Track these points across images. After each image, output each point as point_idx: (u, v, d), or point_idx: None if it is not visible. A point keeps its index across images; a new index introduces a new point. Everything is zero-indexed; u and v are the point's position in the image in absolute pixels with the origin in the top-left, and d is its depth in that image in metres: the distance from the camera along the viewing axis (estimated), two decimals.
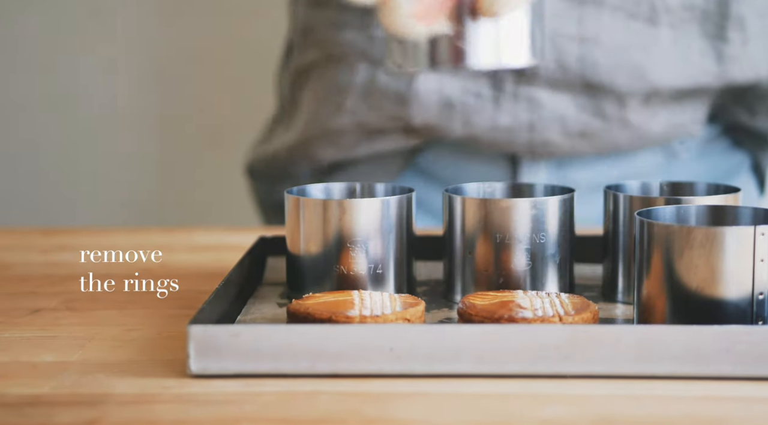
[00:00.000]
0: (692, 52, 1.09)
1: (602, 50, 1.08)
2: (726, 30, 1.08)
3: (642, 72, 1.08)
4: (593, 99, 1.10)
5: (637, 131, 1.11)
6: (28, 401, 0.64)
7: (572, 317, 0.70)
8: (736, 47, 1.09)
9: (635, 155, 1.15)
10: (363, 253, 0.80)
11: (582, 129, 1.10)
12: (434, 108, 1.10)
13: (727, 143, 1.21)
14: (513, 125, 1.10)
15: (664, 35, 1.08)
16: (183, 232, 1.13)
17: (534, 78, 1.09)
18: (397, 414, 0.62)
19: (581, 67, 1.08)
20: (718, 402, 0.63)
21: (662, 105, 1.11)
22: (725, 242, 0.69)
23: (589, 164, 1.15)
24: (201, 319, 0.68)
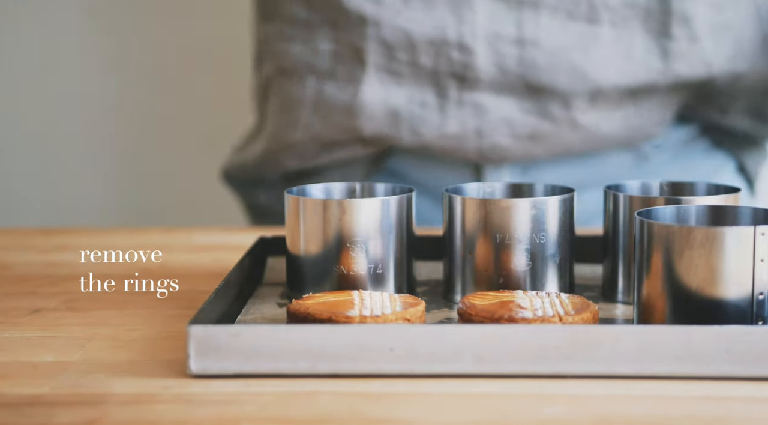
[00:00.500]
0: (635, 50, 1.08)
1: (541, 52, 1.07)
2: (670, 26, 1.08)
3: (583, 72, 1.08)
4: (538, 101, 1.09)
5: (588, 132, 1.10)
6: (28, 401, 0.64)
7: (572, 317, 0.70)
8: (682, 44, 1.08)
9: (603, 158, 1.15)
10: (363, 253, 0.80)
11: (531, 132, 1.10)
12: (382, 119, 1.10)
13: (706, 145, 1.20)
14: (460, 132, 1.10)
15: (605, 34, 1.08)
16: (183, 232, 1.13)
17: (477, 83, 1.08)
18: (397, 414, 0.62)
19: (522, 69, 1.08)
20: (718, 402, 0.63)
21: (614, 106, 1.10)
22: (725, 242, 0.69)
23: (554, 167, 1.14)
24: (201, 319, 0.68)
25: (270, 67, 1.16)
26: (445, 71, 1.08)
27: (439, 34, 1.07)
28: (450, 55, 1.07)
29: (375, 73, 1.09)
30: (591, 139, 1.11)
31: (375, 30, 1.08)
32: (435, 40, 1.07)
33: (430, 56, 1.08)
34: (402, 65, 1.08)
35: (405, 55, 1.08)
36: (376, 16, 1.07)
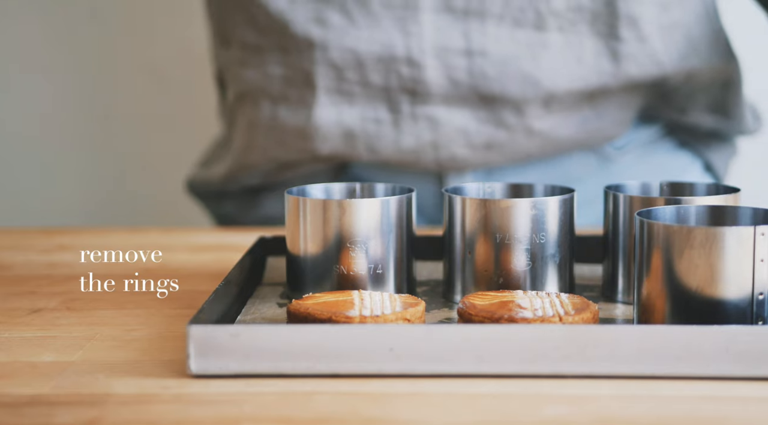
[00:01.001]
0: (585, 53, 1.08)
1: (490, 61, 1.07)
2: (617, 28, 1.08)
3: (534, 79, 1.08)
4: (492, 111, 1.09)
5: (545, 138, 1.10)
6: (28, 401, 0.64)
7: (572, 317, 0.70)
8: (631, 45, 1.08)
9: (565, 160, 1.15)
10: (363, 253, 0.80)
11: (486, 141, 1.10)
12: (337, 139, 1.10)
13: (671, 145, 1.20)
14: (417, 146, 1.10)
15: (553, 39, 1.08)
16: (183, 232, 1.13)
17: (429, 97, 1.08)
18: (397, 414, 0.62)
19: (472, 80, 1.07)
20: (718, 402, 0.63)
21: (570, 110, 1.10)
22: (725, 242, 0.69)
23: (518, 170, 1.14)
24: (201, 319, 0.68)
25: (231, 91, 1.17)
26: (396, 87, 1.08)
27: (387, 50, 1.07)
28: (399, 71, 1.07)
29: (326, 95, 1.09)
30: (548, 144, 1.11)
31: (322, 53, 1.08)
32: (383, 57, 1.07)
33: (380, 73, 1.08)
34: (352, 85, 1.08)
35: (354, 75, 1.08)
36: (323, 39, 1.07)
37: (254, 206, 1.20)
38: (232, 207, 1.22)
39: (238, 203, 1.21)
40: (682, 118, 1.17)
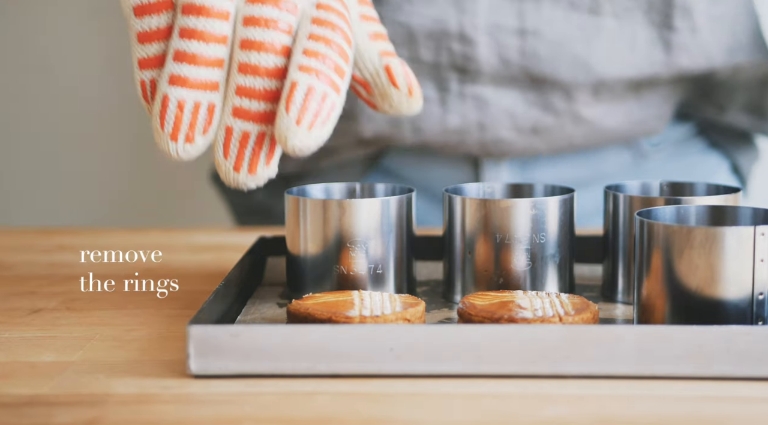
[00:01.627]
0: (638, 41, 1.08)
1: (543, 42, 1.07)
2: (672, 18, 1.07)
3: (586, 63, 1.07)
4: (540, 93, 1.09)
5: (591, 126, 1.10)
6: (28, 401, 0.64)
7: (572, 317, 0.70)
8: (684, 35, 1.08)
9: (601, 155, 1.15)
10: (363, 253, 0.80)
11: (533, 125, 1.09)
12: (382, 119, 1.10)
13: (703, 145, 1.20)
14: (462, 126, 1.09)
15: (607, 25, 1.07)
16: (183, 232, 1.13)
17: (478, 75, 1.08)
18: (397, 414, 0.62)
19: (523, 60, 1.07)
20: (718, 402, 0.63)
21: (617, 99, 1.10)
22: (725, 242, 0.69)
23: (552, 164, 1.14)
24: (201, 319, 0.68)
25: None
26: (446, 64, 1.08)
27: (440, 26, 1.07)
28: (451, 47, 1.07)
29: None
30: (593, 133, 1.10)
31: None
32: (435, 33, 1.07)
33: (431, 50, 1.07)
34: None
35: (405, 51, 1.08)
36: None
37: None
38: (264, 195, 1.21)
39: (270, 191, 1.20)
40: (718, 116, 1.17)
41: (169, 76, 0.70)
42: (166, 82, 0.70)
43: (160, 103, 0.70)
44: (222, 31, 0.70)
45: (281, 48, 0.70)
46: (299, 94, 0.68)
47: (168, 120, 0.69)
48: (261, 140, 0.70)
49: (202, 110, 0.70)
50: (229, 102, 0.70)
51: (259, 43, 0.69)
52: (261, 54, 0.69)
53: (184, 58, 0.69)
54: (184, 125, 0.69)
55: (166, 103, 0.69)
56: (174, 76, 0.69)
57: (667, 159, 1.17)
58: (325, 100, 0.69)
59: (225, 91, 0.71)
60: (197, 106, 0.70)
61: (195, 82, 0.70)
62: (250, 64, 0.69)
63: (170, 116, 0.69)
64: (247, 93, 0.69)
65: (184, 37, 0.69)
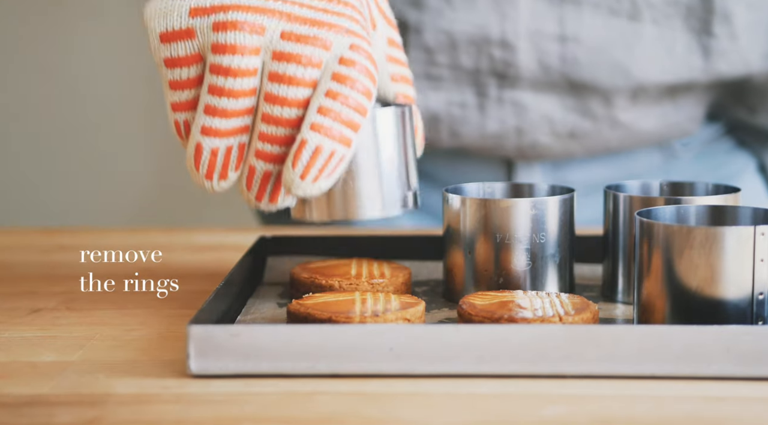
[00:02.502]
0: (677, 47, 1.08)
1: (583, 48, 1.07)
2: (711, 24, 1.08)
3: (625, 69, 1.08)
4: (579, 99, 1.09)
5: (627, 130, 1.10)
6: (28, 401, 0.64)
7: (572, 317, 0.70)
8: (722, 42, 1.08)
9: (632, 156, 1.15)
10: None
11: (571, 130, 1.10)
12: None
13: (730, 144, 1.20)
14: (500, 131, 1.10)
15: (647, 31, 1.08)
16: (183, 232, 1.13)
17: (517, 81, 1.08)
18: (397, 414, 0.62)
19: (563, 66, 1.08)
20: (718, 402, 0.63)
21: (653, 103, 1.10)
22: (725, 242, 0.69)
23: (585, 165, 1.14)
24: (201, 319, 0.68)
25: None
26: (486, 70, 1.08)
27: (481, 32, 1.07)
28: (491, 54, 1.07)
29: (414, 81, 1.09)
30: (629, 136, 1.11)
31: (416, 37, 1.08)
32: (476, 39, 1.07)
33: (471, 56, 1.08)
34: (442, 68, 1.09)
35: (445, 58, 1.08)
36: (417, 22, 1.07)
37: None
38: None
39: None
40: (749, 118, 1.17)
41: (201, 127, 0.73)
42: (199, 132, 0.73)
43: (194, 149, 0.73)
44: (249, 86, 0.73)
45: (303, 101, 0.73)
46: (306, 153, 0.71)
47: (202, 164, 0.73)
48: (281, 177, 0.74)
49: (234, 151, 0.73)
50: (252, 144, 0.73)
51: (282, 98, 0.72)
52: (284, 108, 0.72)
53: (214, 112, 0.72)
54: (218, 167, 0.73)
55: (200, 150, 0.73)
56: (205, 127, 0.73)
57: (695, 159, 1.17)
58: (332, 157, 0.72)
59: (250, 132, 0.74)
60: (229, 149, 0.73)
61: (225, 132, 0.73)
62: (272, 115, 0.72)
63: (204, 161, 0.73)
64: (268, 139, 0.72)
65: (214, 94, 0.72)
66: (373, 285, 0.80)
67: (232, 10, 0.73)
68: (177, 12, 0.74)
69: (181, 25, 0.74)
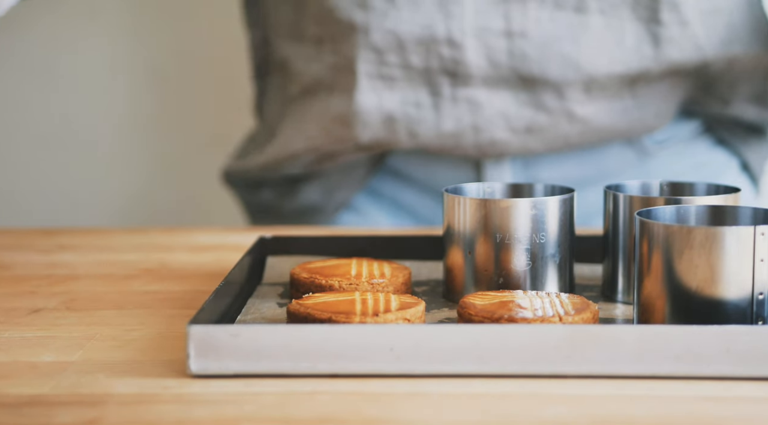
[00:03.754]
0: (626, 36, 1.08)
1: (531, 43, 1.08)
2: (659, 12, 1.08)
3: (574, 61, 1.08)
4: (532, 93, 1.09)
5: (586, 124, 1.10)
6: (28, 401, 0.64)
7: (572, 317, 0.70)
8: (672, 29, 1.08)
9: (601, 152, 1.15)
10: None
11: (527, 124, 1.10)
12: (377, 125, 1.11)
13: (710, 142, 1.20)
14: (457, 129, 1.10)
15: (594, 22, 1.08)
16: (183, 232, 1.13)
17: (469, 78, 1.09)
18: (397, 414, 0.62)
19: (512, 61, 1.08)
20: (718, 402, 0.63)
21: (612, 96, 1.10)
22: (725, 242, 0.69)
23: (555, 162, 1.14)
24: (201, 319, 0.68)
25: (294, 84, 1.17)
26: (437, 69, 1.08)
27: (428, 32, 1.08)
28: (440, 52, 1.08)
29: (367, 80, 1.09)
30: (589, 131, 1.11)
31: (364, 37, 1.08)
32: (424, 39, 1.08)
33: (420, 55, 1.08)
34: (393, 68, 1.09)
35: (395, 58, 1.08)
36: (365, 23, 1.08)
37: (293, 195, 1.21)
38: (271, 195, 1.22)
39: (277, 192, 1.21)
40: (724, 110, 1.17)
41: None
42: None
43: None
44: None
45: None
46: None
47: None
48: None
49: None
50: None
51: None
52: None
53: None
54: None
55: None
56: None
57: (673, 157, 1.17)
58: None
59: None
60: None
61: None
62: None
63: None
64: None
65: None
66: (373, 285, 0.80)
67: None
68: None
69: None
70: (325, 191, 1.19)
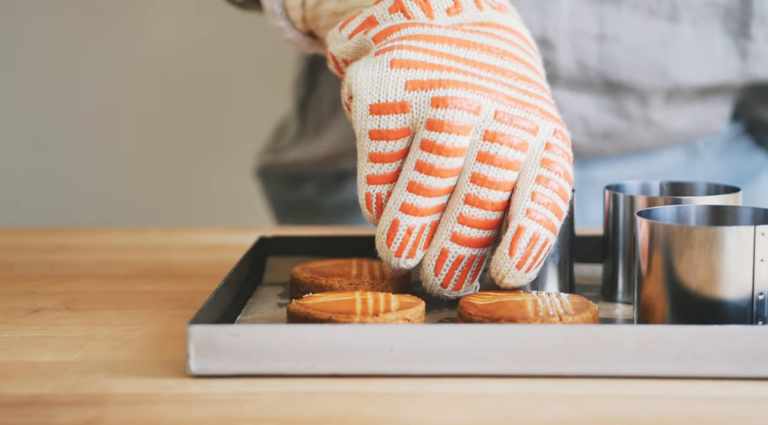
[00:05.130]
0: (714, 49, 1.08)
1: (622, 48, 1.07)
2: (749, 27, 1.08)
3: (663, 69, 1.08)
4: (615, 99, 1.09)
5: (660, 129, 1.10)
6: (28, 401, 0.64)
7: (572, 317, 0.70)
8: (760, 44, 1.08)
9: (658, 154, 1.15)
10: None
11: (605, 130, 1.10)
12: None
13: (748, 143, 1.20)
14: None
15: (685, 32, 1.08)
16: (183, 232, 1.13)
17: (555, 80, 1.08)
18: (397, 414, 0.62)
19: (601, 65, 1.07)
20: (718, 402, 0.63)
21: (686, 102, 1.10)
22: (725, 242, 0.69)
23: (611, 163, 1.14)
24: (201, 319, 0.68)
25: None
26: None
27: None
28: None
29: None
30: (662, 135, 1.11)
31: None
32: None
33: None
34: None
35: None
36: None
37: (337, 190, 1.20)
38: (313, 191, 1.21)
39: (320, 187, 1.21)
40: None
41: (401, 204, 0.72)
42: (398, 208, 0.72)
43: (389, 225, 0.73)
44: (457, 165, 0.72)
45: (510, 184, 0.72)
46: (524, 240, 0.71)
47: (395, 242, 0.73)
48: (471, 261, 0.74)
49: (426, 230, 0.73)
50: (448, 227, 0.73)
51: (490, 180, 0.72)
52: (491, 191, 0.72)
53: (419, 190, 0.72)
54: (409, 245, 0.73)
55: (395, 226, 0.72)
56: (406, 205, 0.72)
57: (715, 157, 1.17)
58: (545, 246, 0.72)
59: (444, 213, 0.73)
60: (423, 227, 0.73)
61: (425, 211, 0.72)
62: (478, 197, 0.72)
63: (398, 238, 0.73)
64: (468, 222, 0.72)
65: (422, 171, 0.72)
66: (373, 285, 0.80)
67: (451, 86, 0.71)
68: (393, 84, 0.72)
69: (396, 97, 0.71)
70: None
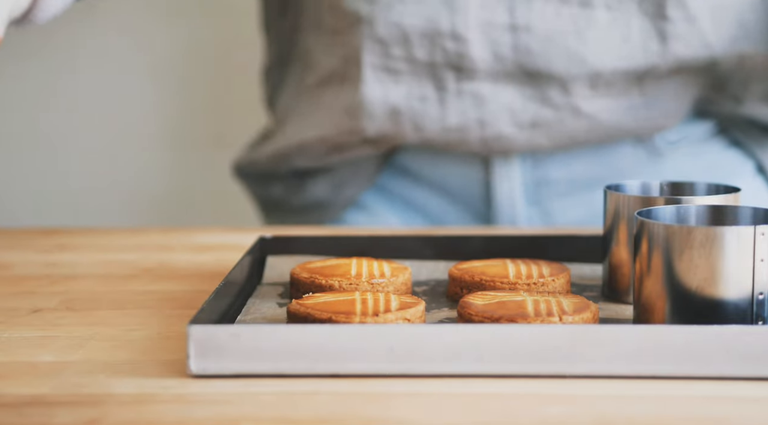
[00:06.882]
0: (632, 32, 1.08)
1: (535, 37, 1.07)
2: (665, 8, 1.08)
3: (580, 56, 1.08)
4: (537, 88, 1.09)
5: (592, 121, 1.10)
6: (28, 401, 0.64)
7: (572, 317, 0.70)
8: (678, 25, 1.08)
9: (612, 151, 1.15)
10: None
11: (532, 119, 1.10)
12: (383, 118, 1.11)
13: (724, 144, 1.20)
14: (462, 124, 1.10)
15: (600, 17, 1.08)
16: (183, 232, 1.13)
17: (474, 72, 1.08)
18: (397, 414, 0.62)
19: (516, 56, 1.08)
20: (718, 402, 0.63)
21: (619, 93, 1.10)
22: (725, 242, 0.69)
23: (564, 161, 1.14)
24: (201, 319, 0.68)
25: (312, 76, 1.17)
26: (441, 63, 1.08)
27: (432, 25, 1.08)
28: (444, 46, 1.08)
29: (372, 73, 1.09)
30: (596, 128, 1.10)
31: (369, 29, 1.08)
32: (428, 32, 1.08)
33: (425, 49, 1.08)
34: (398, 61, 1.09)
35: (400, 51, 1.08)
36: (370, 14, 1.08)
37: (301, 190, 1.21)
38: (280, 190, 1.22)
39: (285, 186, 1.21)
40: (737, 109, 1.16)
41: None
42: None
43: None
44: None
45: None
46: None
47: None
48: None
49: None
50: None
51: None
52: None
53: None
54: None
55: None
56: None
57: (685, 158, 1.17)
58: None
59: None
60: None
61: None
62: None
63: None
64: None
65: None
66: (373, 285, 0.80)
67: None
68: None
69: None
70: (333, 186, 1.19)
